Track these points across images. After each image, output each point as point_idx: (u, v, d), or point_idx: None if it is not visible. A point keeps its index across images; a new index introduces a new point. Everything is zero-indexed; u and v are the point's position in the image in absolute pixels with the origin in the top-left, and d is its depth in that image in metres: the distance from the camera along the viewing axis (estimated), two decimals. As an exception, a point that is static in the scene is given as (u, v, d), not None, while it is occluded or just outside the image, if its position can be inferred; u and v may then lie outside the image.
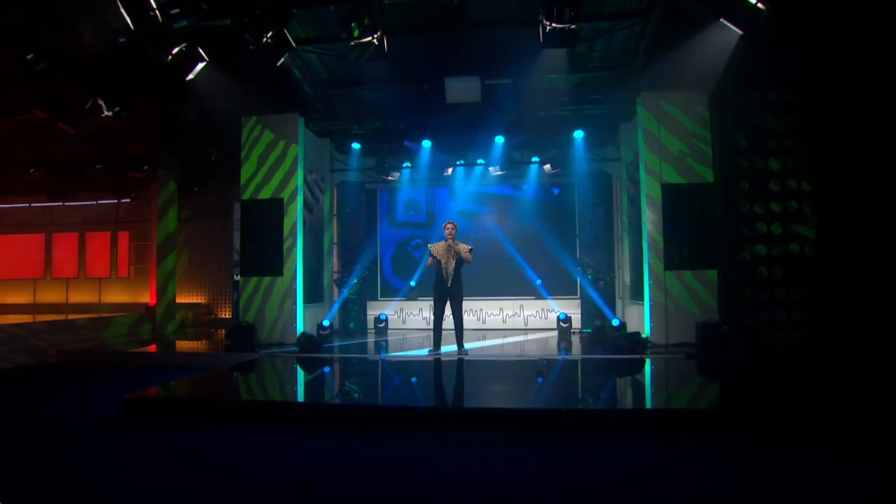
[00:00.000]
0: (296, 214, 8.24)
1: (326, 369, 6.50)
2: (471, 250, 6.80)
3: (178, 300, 12.23)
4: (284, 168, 8.33)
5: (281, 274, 8.19)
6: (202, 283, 12.40)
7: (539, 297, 9.97)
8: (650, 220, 7.59)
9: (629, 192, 8.78)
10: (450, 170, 9.83)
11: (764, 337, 7.10)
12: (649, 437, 3.69)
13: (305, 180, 8.73)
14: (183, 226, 12.35)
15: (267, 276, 8.25)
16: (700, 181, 7.47)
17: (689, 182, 7.48)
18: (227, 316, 12.01)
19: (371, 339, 8.95)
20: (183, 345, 9.07)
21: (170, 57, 6.10)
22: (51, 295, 13.12)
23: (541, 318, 9.95)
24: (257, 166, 8.40)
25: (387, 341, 8.78)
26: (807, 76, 6.91)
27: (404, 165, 9.87)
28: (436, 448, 3.60)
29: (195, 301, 12.29)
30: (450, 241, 6.70)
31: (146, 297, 12.10)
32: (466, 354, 6.77)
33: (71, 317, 9.48)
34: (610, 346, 7.10)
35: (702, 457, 3.35)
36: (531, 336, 9.04)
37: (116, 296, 12.75)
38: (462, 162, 9.90)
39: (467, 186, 10.27)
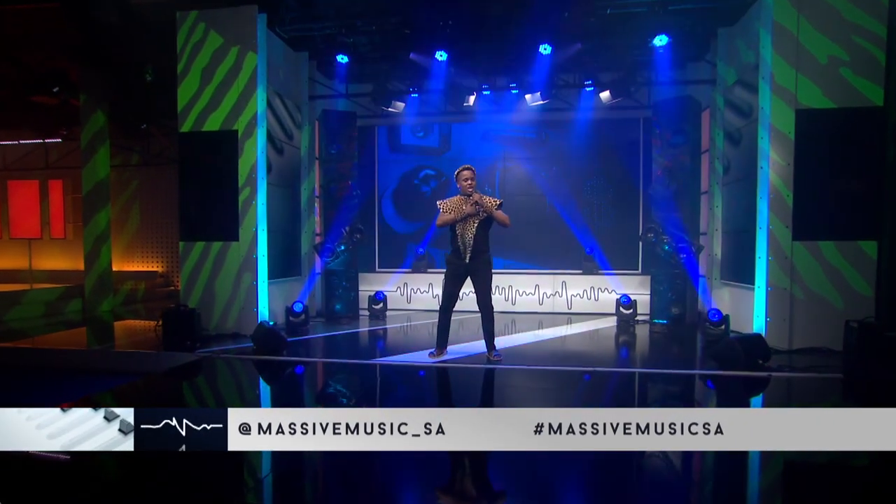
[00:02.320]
0: (256, 153, 5.83)
1: (271, 387, 4.28)
2: (500, 204, 4.49)
3: (129, 268, 9.95)
4: (239, 87, 5.87)
5: (236, 238, 5.89)
6: (158, 245, 9.99)
7: (590, 270, 7.51)
8: (774, 166, 5.09)
9: (728, 126, 6.20)
10: (471, 98, 7.24)
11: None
12: None
13: (271, 106, 6.27)
14: (133, 174, 9.97)
15: (217, 242, 5.94)
16: (861, 104, 4.91)
17: (842, 106, 4.94)
18: (189, 287, 9.67)
19: (362, 328, 6.60)
20: (121, 328, 6.87)
21: None
22: (-33, 260, 10.71)
23: (590, 298, 7.52)
24: (200, 85, 5.95)
25: (384, 331, 6.47)
26: None
27: (410, 91, 7.26)
28: None
29: (149, 269, 9.95)
30: (475, 196, 4.39)
31: (89, 263, 9.76)
32: (500, 360, 4.60)
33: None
34: (715, 353, 4.70)
35: None
36: (577, 327, 6.61)
37: (51, 261, 10.33)
38: (488, 88, 7.29)
39: (496, 116, 7.77)
